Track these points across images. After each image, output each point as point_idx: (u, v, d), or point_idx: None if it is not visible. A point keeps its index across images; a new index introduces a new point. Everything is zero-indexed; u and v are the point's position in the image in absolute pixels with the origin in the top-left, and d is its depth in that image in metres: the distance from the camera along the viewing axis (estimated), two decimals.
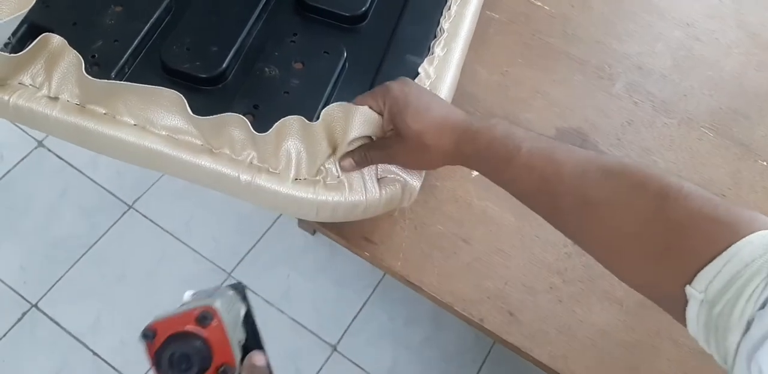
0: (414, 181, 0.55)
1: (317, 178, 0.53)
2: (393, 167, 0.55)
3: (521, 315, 0.65)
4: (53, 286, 1.32)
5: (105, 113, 0.55)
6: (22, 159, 1.45)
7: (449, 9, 0.66)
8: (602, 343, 0.64)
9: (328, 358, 1.30)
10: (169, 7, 0.64)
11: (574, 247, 0.68)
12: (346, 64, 0.63)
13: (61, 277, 1.33)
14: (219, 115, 0.50)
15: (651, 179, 0.40)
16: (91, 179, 1.44)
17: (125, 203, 1.42)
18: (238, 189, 0.55)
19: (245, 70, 0.61)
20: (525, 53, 0.79)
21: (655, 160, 0.74)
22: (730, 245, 0.35)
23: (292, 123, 0.50)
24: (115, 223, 1.40)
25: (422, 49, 0.64)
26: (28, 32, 0.59)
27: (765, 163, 0.75)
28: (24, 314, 1.29)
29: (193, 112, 0.51)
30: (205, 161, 0.53)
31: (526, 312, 0.65)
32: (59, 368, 1.25)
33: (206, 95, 0.60)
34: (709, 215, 0.37)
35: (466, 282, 0.66)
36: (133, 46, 0.60)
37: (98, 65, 0.59)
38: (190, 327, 0.38)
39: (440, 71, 0.62)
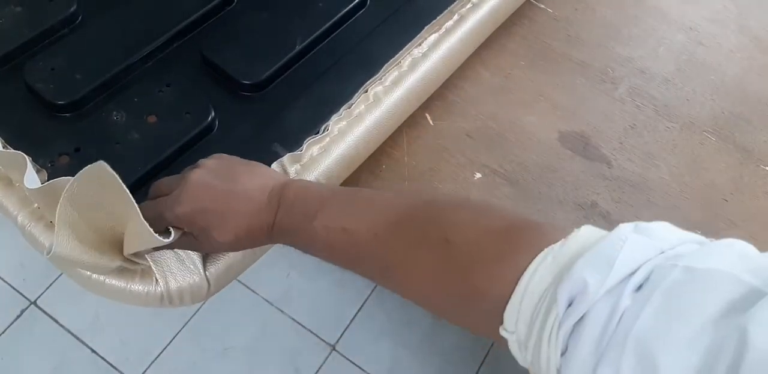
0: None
1: None
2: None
3: None
4: (52, 283, 1.32)
5: None
6: None
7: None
8: None
9: (327, 357, 1.30)
10: (74, 19, 0.59)
11: None
12: (212, 132, 0.57)
13: (61, 274, 1.33)
14: (14, 151, 0.45)
15: (431, 222, 0.39)
16: None
17: None
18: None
19: (97, 107, 0.56)
20: (528, 56, 0.79)
21: (657, 164, 0.74)
22: (518, 279, 0.32)
23: (63, 185, 0.41)
24: None
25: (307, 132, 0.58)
26: None
27: (767, 168, 0.75)
28: (23, 311, 1.29)
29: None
30: None
31: None
32: (58, 365, 1.25)
33: (58, 121, 0.55)
34: (490, 245, 0.36)
35: None
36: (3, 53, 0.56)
37: None
38: None
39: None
